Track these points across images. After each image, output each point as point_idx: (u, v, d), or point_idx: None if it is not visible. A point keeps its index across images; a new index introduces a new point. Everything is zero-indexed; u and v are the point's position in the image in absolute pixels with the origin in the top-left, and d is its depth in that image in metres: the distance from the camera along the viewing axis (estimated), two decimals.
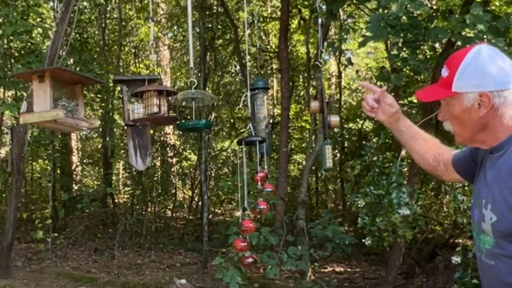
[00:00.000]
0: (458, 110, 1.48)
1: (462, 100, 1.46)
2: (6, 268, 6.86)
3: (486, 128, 1.47)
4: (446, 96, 1.49)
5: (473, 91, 1.44)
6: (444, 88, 1.48)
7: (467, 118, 1.48)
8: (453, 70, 1.46)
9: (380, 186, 4.95)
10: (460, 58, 1.47)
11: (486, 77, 1.43)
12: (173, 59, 13.47)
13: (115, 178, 12.66)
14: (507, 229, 1.40)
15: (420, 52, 5.84)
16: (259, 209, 2.94)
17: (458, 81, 1.45)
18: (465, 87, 1.45)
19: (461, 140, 1.56)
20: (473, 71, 1.44)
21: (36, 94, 2.71)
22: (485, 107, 1.44)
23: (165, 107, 2.88)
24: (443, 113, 1.54)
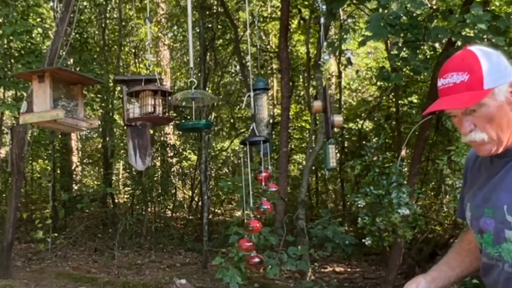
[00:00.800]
0: (493, 109, 1.37)
1: (496, 96, 1.37)
2: (6, 268, 6.86)
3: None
4: (484, 96, 1.36)
5: (504, 82, 1.37)
6: (471, 90, 1.36)
7: (503, 115, 1.38)
8: (475, 69, 1.36)
9: (380, 186, 4.95)
10: (472, 58, 1.39)
11: (508, 68, 1.40)
12: (173, 59, 13.47)
13: (115, 178, 12.66)
14: None
15: (420, 52, 5.84)
16: (263, 209, 2.94)
17: (488, 77, 1.36)
18: (496, 81, 1.36)
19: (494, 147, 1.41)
20: (496, 64, 1.38)
21: (36, 94, 2.71)
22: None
23: (160, 107, 2.88)
24: (468, 122, 1.40)
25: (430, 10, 5.62)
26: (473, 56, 1.38)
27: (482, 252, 1.53)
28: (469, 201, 1.56)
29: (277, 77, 11.62)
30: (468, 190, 1.59)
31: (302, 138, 12.16)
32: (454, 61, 1.42)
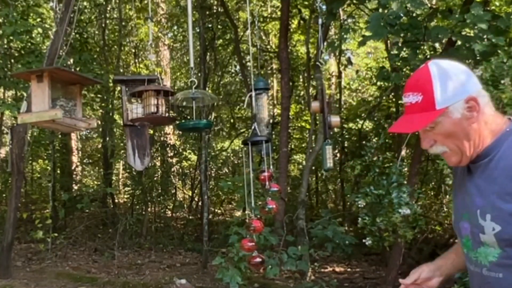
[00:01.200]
0: (449, 126, 1.40)
1: (450, 114, 1.39)
2: (6, 268, 6.86)
3: (477, 134, 1.41)
4: (435, 118, 1.39)
5: (458, 100, 1.39)
6: (425, 111, 1.40)
7: (460, 130, 1.40)
8: (428, 90, 1.39)
9: (380, 186, 4.95)
10: (426, 78, 1.41)
11: (463, 84, 1.40)
12: (173, 59, 13.46)
13: (115, 178, 12.66)
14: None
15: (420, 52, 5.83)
16: (269, 209, 2.94)
17: (440, 97, 1.38)
18: (449, 100, 1.39)
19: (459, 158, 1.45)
20: (449, 82, 1.39)
21: (34, 94, 2.70)
22: (476, 110, 1.39)
23: (163, 107, 2.88)
24: (427, 139, 1.45)
25: (430, 9, 5.62)
26: (427, 76, 1.40)
27: (466, 258, 1.54)
28: (453, 206, 1.60)
29: (277, 77, 11.62)
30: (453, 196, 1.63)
31: (302, 138, 12.15)
32: (412, 80, 1.46)
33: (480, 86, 1.42)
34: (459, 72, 1.41)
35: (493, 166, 1.39)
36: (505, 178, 1.35)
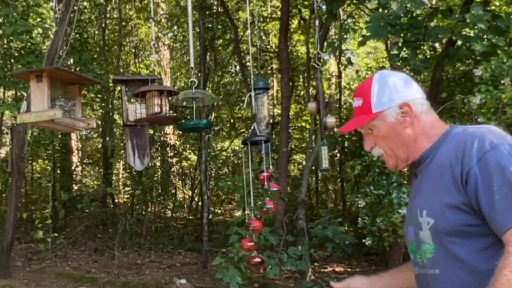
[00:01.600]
0: (384, 129, 1.50)
1: (385, 117, 1.49)
2: (6, 268, 6.86)
3: (412, 139, 1.49)
4: (369, 119, 1.51)
5: (392, 105, 1.48)
6: (364, 114, 1.52)
7: (394, 134, 1.50)
8: (367, 95, 1.51)
9: (380, 186, 4.95)
10: (367, 85, 1.53)
11: (399, 90, 1.49)
12: (173, 59, 13.46)
13: (115, 178, 12.65)
14: (446, 228, 1.38)
15: (420, 52, 5.83)
16: (267, 209, 2.94)
17: (375, 102, 1.49)
18: (384, 104, 1.49)
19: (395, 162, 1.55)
20: (385, 89, 1.50)
21: (34, 94, 2.70)
22: (409, 116, 1.47)
23: (166, 107, 2.87)
24: (368, 142, 1.55)
25: (430, 9, 5.62)
26: (369, 83, 1.54)
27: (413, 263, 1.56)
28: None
29: (277, 77, 11.62)
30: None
31: (302, 138, 12.15)
32: (359, 86, 1.61)
33: (421, 96, 1.52)
34: (398, 81, 1.52)
35: (430, 167, 1.47)
36: (439, 174, 1.42)
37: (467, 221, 1.35)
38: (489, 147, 1.33)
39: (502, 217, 1.28)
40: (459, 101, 4.55)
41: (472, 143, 1.36)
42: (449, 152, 1.41)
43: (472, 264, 1.36)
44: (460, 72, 7.51)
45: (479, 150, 1.34)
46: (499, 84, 3.91)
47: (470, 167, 1.33)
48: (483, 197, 1.31)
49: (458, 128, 1.48)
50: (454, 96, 5.50)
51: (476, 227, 1.34)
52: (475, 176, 1.32)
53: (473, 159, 1.33)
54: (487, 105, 3.95)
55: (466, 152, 1.35)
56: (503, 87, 3.86)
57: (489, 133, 1.37)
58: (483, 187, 1.31)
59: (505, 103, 3.90)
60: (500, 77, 3.92)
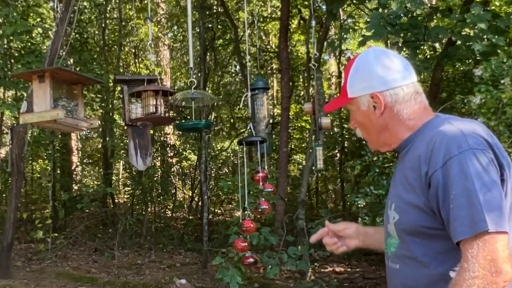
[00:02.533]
0: (359, 116, 1.49)
1: (359, 104, 1.46)
2: (6, 268, 6.86)
3: (387, 129, 1.45)
4: (344, 103, 1.50)
5: (364, 94, 1.43)
6: (342, 96, 1.49)
7: (367, 121, 1.47)
8: (345, 77, 1.47)
9: (380, 186, 4.95)
10: (350, 64, 1.48)
11: (373, 78, 1.42)
12: (173, 59, 13.46)
13: (115, 178, 12.65)
14: (407, 226, 1.35)
15: (420, 52, 5.84)
16: (261, 209, 2.94)
17: (350, 86, 1.46)
18: (357, 91, 1.45)
19: (371, 145, 1.56)
20: (360, 74, 1.45)
21: (36, 94, 2.70)
22: (379, 108, 1.42)
23: (162, 107, 2.87)
24: (352, 121, 1.54)
25: (430, 9, 5.62)
26: (351, 63, 1.48)
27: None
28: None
29: (277, 77, 11.63)
30: None
31: (302, 138, 12.16)
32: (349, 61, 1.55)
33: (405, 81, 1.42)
34: (381, 64, 1.43)
35: (407, 158, 1.42)
36: (409, 168, 1.37)
37: (428, 223, 1.31)
38: (457, 152, 1.25)
39: (453, 228, 1.24)
40: (459, 101, 4.56)
41: (440, 143, 1.29)
42: (422, 146, 1.34)
43: (428, 265, 1.33)
44: (460, 72, 7.52)
45: (446, 154, 1.26)
46: (499, 84, 3.91)
47: (434, 170, 1.27)
48: (442, 204, 1.26)
49: (438, 120, 1.41)
50: (454, 96, 5.51)
51: (436, 230, 1.30)
52: (437, 181, 1.26)
53: (439, 163, 1.27)
54: (487, 105, 3.96)
55: (433, 153, 1.29)
56: (503, 87, 3.86)
57: (461, 135, 1.29)
58: (442, 194, 1.26)
59: (505, 103, 3.90)
60: (500, 77, 3.93)
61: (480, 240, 1.20)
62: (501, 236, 1.21)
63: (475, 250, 1.20)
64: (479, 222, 1.20)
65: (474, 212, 1.21)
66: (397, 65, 1.43)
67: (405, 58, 1.51)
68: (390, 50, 1.54)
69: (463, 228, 1.22)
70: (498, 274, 1.19)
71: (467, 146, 1.26)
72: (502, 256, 1.20)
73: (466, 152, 1.25)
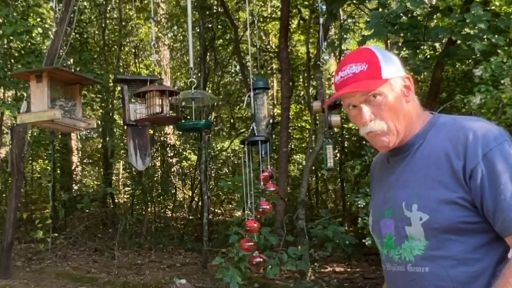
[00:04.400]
0: (392, 98, 1.38)
1: (393, 86, 1.39)
2: (6, 268, 6.86)
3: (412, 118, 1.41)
4: (381, 84, 1.38)
5: (398, 75, 1.41)
6: (373, 78, 1.37)
7: (400, 106, 1.39)
8: (373, 61, 1.39)
9: None
10: (368, 52, 1.42)
11: (398, 64, 1.43)
12: (173, 59, 13.46)
13: (115, 178, 12.65)
14: (442, 224, 1.32)
15: (420, 51, 5.83)
16: (262, 209, 2.94)
17: (384, 68, 1.38)
18: (392, 73, 1.40)
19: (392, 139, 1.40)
20: (390, 58, 1.44)
21: (33, 94, 2.70)
22: (411, 90, 1.41)
23: (167, 107, 2.88)
24: (368, 112, 1.38)
25: (430, 9, 5.62)
26: (369, 50, 1.43)
27: (384, 260, 1.50)
28: (371, 207, 1.56)
29: (277, 77, 11.62)
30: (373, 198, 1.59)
31: (302, 138, 12.15)
32: (352, 55, 1.46)
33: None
34: (391, 54, 1.47)
35: (419, 156, 1.38)
36: (432, 165, 1.34)
37: (465, 218, 1.30)
38: (495, 143, 1.28)
39: (508, 219, 1.23)
40: (459, 101, 4.55)
41: (475, 137, 1.29)
42: (442, 143, 1.33)
43: (465, 262, 1.31)
44: (460, 72, 7.52)
45: (485, 146, 1.27)
46: (499, 84, 3.91)
47: (477, 163, 1.27)
48: (488, 196, 1.26)
49: (445, 117, 1.41)
50: (454, 96, 5.50)
51: (474, 224, 1.29)
52: (482, 173, 1.26)
53: (479, 155, 1.27)
54: (487, 105, 3.95)
55: (469, 146, 1.28)
56: (503, 87, 3.86)
57: (492, 128, 1.32)
58: (489, 185, 1.25)
59: (505, 103, 3.90)
60: (500, 77, 3.92)
61: None
62: None
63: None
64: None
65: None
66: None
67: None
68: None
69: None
70: None
71: (502, 138, 1.29)
72: None
73: (503, 143, 1.29)
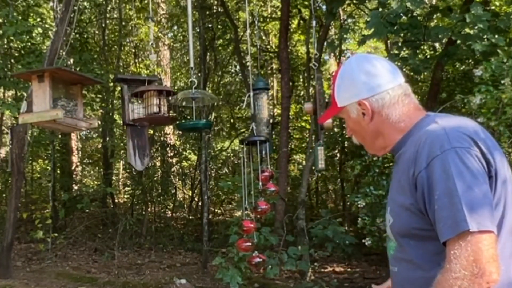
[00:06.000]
0: (351, 123, 1.49)
1: (349, 112, 1.47)
2: (6, 268, 6.86)
3: (380, 133, 1.45)
4: (334, 113, 1.51)
5: (352, 102, 1.44)
6: (333, 106, 1.50)
7: (359, 128, 1.48)
8: (333, 88, 1.48)
9: (380, 186, 4.95)
10: (336, 74, 1.49)
11: (358, 86, 1.43)
12: (173, 59, 13.46)
13: (115, 178, 12.65)
14: (400, 229, 1.36)
15: (420, 51, 5.83)
16: (261, 209, 2.94)
17: (338, 96, 1.47)
18: (345, 100, 1.46)
19: (369, 150, 1.56)
20: (345, 83, 1.46)
21: (35, 94, 2.70)
22: (367, 115, 1.43)
23: (165, 107, 2.88)
24: (348, 129, 1.54)
25: (430, 8, 5.62)
26: (336, 73, 1.50)
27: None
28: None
29: (277, 77, 11.62)
30: None
31: (302, 138, 12.15)
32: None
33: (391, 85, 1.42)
34: (359, 73, 1.44)
35: (399, 161, 1.42)
36: (401, 171, 1.37)
37: (419, 225, 1.30)
38: (439, 152, 1.25)
39: (439, 229, 1.23)
40: (459, 101, 4.55)
41: (424, 144, 1.29)
42: (411, 149, 1.35)
43: (424, 267, 1.32)
44: (460, 72, 7.52)
45: (429, 154, 1.26)
46: (499, 84, 3.91)
47: (419, 171, 1.27)
48: (428, 205, 1.26)
49: (427, 119, 1.40)
50: (454, 96, 5.50)
51: (428, 231, 1.29)
52: (422, 182, 1.26)
53: (423, 163, 1.27)
54: (487, 105, 3.96)
55: (419, 154, 1.29)
56: (503, 87, 3.86)
57: (443, 134, 1.28)
58: (428, 195, 1.25)
59: (505, 103, 3.90)
60: (500, 77, 3.93)
61: (463, 241, 1.19)
62: (485, 235, 1.19)
63: (458, 251, 1.19)
64: (460, 222, 1.19)
65: (455, 212, 1.20)
66: (380, 69, 1.44)
67: (389, 61, 1.51)
68: (373, 55, 1.54)
69: (446, 229, 1.22)
70: (481, 275, 1.17)
71: (449, 146, 1.25)
72: (486, 256, 1.18)
73: (448, 151, 1.24)
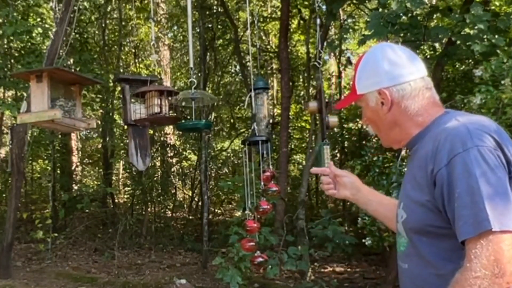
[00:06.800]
0: (369, 112, 1.48)
1: (368, 101, 1.46)
2: (6, 268, 6.86)
3: (397, 125, 1.44)
4: (353, 100, 1.50)
5: (372, 90, 1.44)
6: (352, 93, 1.50)
7: (377, 118, 1.47)
8: (354, 74, 1.48)
9: (380, 186, 4.94)
10: (359, 61, 1.49)
11: (380, 74, 1.42)
12: (173, 59, 13.46)
13: (115, 178, 12.65)
14: (414, 225, 1.35)
15: (420, 51, 5.83)
16: (262, 209, 2.94)
17: (358, 83, 1.47)
18: (365, 88, 1.45)
19: (383, 142, 1.55)
20: (368, 70, 1.45)
21: (34, 94, 2.70)
22: (386, 104, 1.42)
23: (166, 107, 2.88)
24: (364, 118, 1.53)
25: (430, 8, 5.62)
26: (360, 59, 1.49)
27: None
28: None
29: (277, 77, 11.62)
30: None
31: (302, 138, 12.15)
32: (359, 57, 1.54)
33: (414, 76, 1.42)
34: (389, 60, 1.43)
35: (414, 157, 1.41)
36: (417, 167, 1.35)
37: (435, 222, 1.29)
38: (461, 149, 1.23)
39: (458, 227, 1.22)
40: (459, 101, 4.55)
41: (445, 141, 1.27)
42: (429, 145, 1.32)
43: (437, 265, 1.31)
44: (460, 72, 7.52)
45: (450, 151, 1.24)
46: (499, 84, 3.91)
47: (439, 168, 1.25)
48: (447, 203, 1.25)
49: (447, 116, 1.39)
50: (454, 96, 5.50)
51: (443, 229, 1.28)
52: (442, 179, 1.25)
53: (443, 160, 1.25)
54: (487, 105, 3.95)
55: (438, 151, 1.27)
56: (503, 87, 3.86)
57: (466, 132, 1.26)
58: (447, 193, 1.24)
59: (505, 103, 3.90)
60: (500, 77, 3.92)
61: (484, 240, 1.17)
62: (506, 235, 1.18)
63: (479, 250, 1.18)
64: (482, 221, 1.18)
65: (477, 211, 1.19)
66: (404, 60, 1.43)
67: (414, 53, 1.49)
68: (399, 45, 1.52)
69: (466, 227, 1.20)
70: (502, 275, 1.16)
71: (471, 144, 1.23)
72: (507, 256, 1.17)
73: (470, 149, 1.23)
